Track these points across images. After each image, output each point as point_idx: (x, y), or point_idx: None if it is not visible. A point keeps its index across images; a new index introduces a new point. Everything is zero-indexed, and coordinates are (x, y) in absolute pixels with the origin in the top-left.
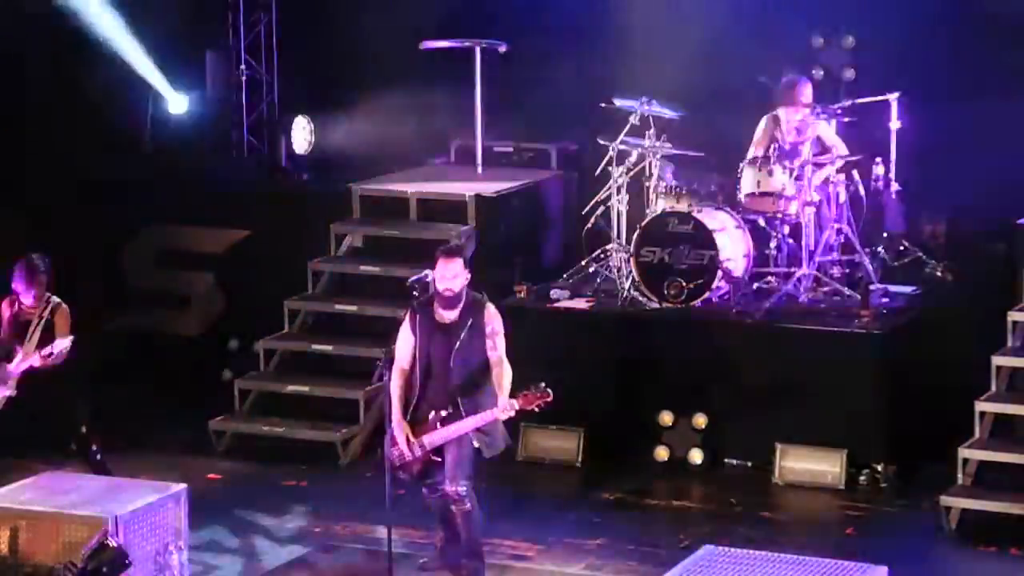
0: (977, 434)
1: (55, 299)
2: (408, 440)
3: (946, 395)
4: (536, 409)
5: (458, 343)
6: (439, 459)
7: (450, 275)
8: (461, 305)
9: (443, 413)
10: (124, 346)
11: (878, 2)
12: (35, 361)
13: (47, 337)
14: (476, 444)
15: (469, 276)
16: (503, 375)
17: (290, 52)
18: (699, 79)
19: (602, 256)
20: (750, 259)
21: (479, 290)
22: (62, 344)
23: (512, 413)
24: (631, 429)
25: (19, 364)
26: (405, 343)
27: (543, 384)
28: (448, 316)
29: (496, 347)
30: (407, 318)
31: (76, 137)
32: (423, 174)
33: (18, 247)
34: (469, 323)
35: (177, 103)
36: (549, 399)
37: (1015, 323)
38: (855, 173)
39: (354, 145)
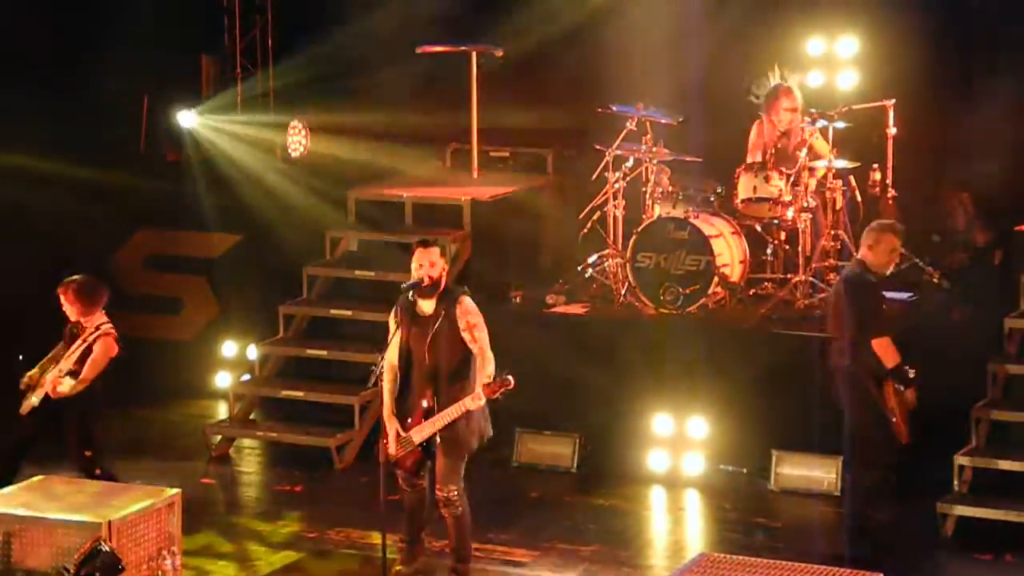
0: (973, 441)
1: (105, 327)
2: (398, 435)
3: (942, 402)
4: (499, 396)
5: (432, 335)
6: (427, 455)
7: (427, 263)
8: (438, 296)
9: (425, 405)
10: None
11: (875, 8)
12: (48, 386)
13: (83, 359)
14: (438, 439)
15: (447, 267)
16: (483, 367)
17: (286, 56)
18: (696, 84)
19: (598, 261)
20: (746, 265)
21: (474, 294)
22: (67, 383)
23: (482, 403)
24: (626, 435)
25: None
26: (393, 339)
27: (506, 372)
28: (426, 308)
29: (476, 339)
30: (393, 314)
31: (70, 141)
32: (419, 179)
33: (13, 250)
34: (443, 315)
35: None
36: (510, 386)
37: (1011, 330)
38: (851, 179)
39: (350, 149)
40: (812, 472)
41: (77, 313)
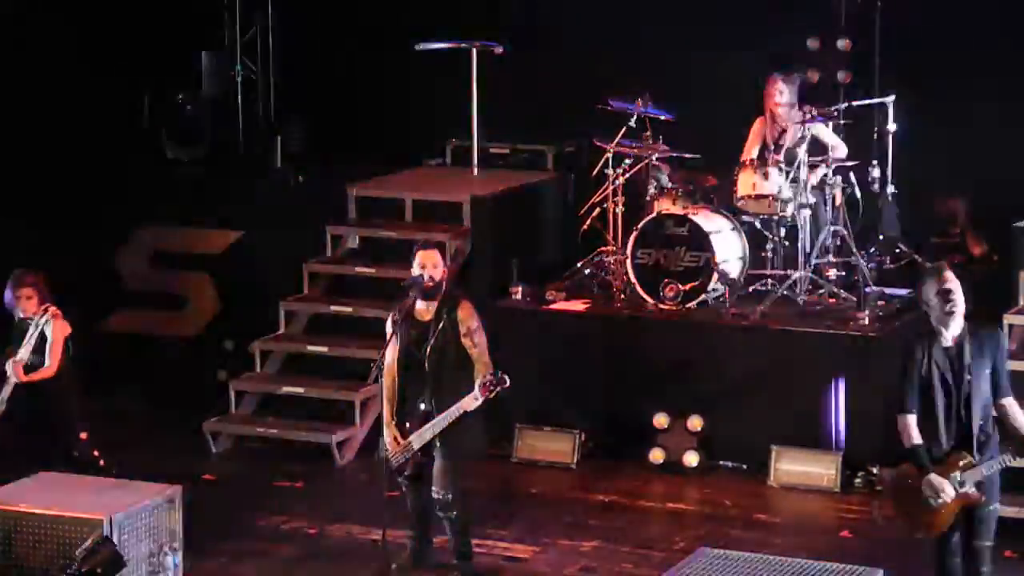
0: None
1: (52, 309)
2: (396, 440)
3: None
4: (492, 396)
5: (432, 339)
6: (427, 458)
7: (430, 264)
8: (438, 300)
9: (422, 409)
10: (119, 347)
11: (875, 4)
12: (14, 377)
13: (40, 346)
14: (438, 442)
15: (448, 268)
16: (483, 371)
17: (286, 52)
18: (696, 80)
19: (598, 258)
20: (746, 261)
21: (475, 291)
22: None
23: (479, 402)
24: (626, 431)
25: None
26: (391, 343)
27: (499, 372)
28: (425, 313)
29: (475, 344)
30: (391, 319)
31: (72, 138)
32: (419, 175)
33: (12, 249)
34: (443, 320)
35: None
36: (505, 385)
37: (1011, 326)
38: (851, 175)
39: (350, 146)
40: (811, 468)
41: (37, 305)
